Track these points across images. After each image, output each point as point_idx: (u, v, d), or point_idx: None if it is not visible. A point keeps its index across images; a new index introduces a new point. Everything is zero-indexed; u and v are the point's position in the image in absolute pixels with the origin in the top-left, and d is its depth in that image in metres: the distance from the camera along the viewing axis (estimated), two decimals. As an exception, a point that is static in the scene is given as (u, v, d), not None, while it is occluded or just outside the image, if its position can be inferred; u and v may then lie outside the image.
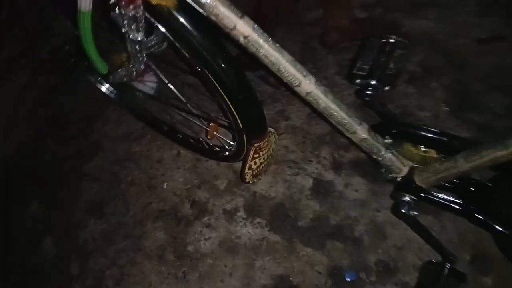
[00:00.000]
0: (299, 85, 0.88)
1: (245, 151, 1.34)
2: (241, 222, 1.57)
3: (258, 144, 1.27)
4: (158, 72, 1.47)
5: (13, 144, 1.96)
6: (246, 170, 1.35)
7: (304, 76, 0.87)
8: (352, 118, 0.92)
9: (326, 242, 1.46)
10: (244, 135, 1.28)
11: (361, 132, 0.94)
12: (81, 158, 1.90)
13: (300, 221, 1.52)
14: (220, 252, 1.52)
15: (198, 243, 1.55)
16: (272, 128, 1.39)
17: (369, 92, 0.97)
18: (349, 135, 0.97)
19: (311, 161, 1.68)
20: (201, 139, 1.62)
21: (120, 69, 1.19)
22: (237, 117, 1.18)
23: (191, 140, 1.66)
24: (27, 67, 2.00)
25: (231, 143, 1.49)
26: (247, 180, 1.42)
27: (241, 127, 1.22)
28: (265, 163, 1.43)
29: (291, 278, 1.41)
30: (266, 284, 1.42)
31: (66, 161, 1.91)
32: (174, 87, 1.51)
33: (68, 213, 1.74)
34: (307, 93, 0.89)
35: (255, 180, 1.47)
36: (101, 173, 1.84)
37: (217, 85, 1.04)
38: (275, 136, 1.42)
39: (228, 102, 1.11)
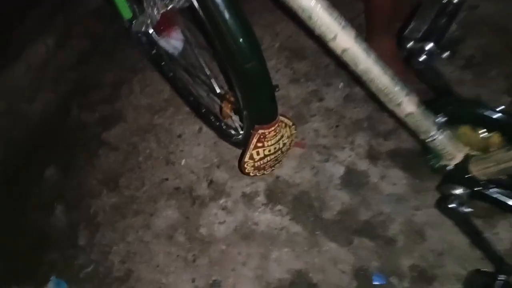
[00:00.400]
0: (334, 39, 0.72)
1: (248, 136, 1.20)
2: (260, 208, 1.44)
3: (263, 131, 1.10)
4: (185, 32, 1.35)
5: (38, 105, 1.91)
6: (246, 159, 1.19)
7: (342, 28, 0.71)
8: (398, 86, 0.74)
9: (353, 239, 1.29)
10: (248, 117, 1.13)
11: (408, 104, 0.76)
12: (102, 126, 1.82)
13: (326, 213, 1.36)
14: (235, 238, 1.40)
15: (211, 226, 1.43)
16: (287, 118, 1.21)
17: (423, 59, 0.80)
18: (392, 108, 0.79)
19: (344, 148, 1.51)
20: (220, 117, 1.49)
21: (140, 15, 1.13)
22: (238, 92, 1.04)
23: (212, 117, 1.53)
24: (59, 26, 1.96)
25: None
26: (246, 171, 1.26)
27: (242, 105, 1.08)
28: (272, 157, 1.24)
29: (310, 275, 1.26)
30: (282, 278, 1.27)
31: (88, 127, 1.84)
32: (199, 53, 1.40)
33: (82, 181, 1.68)
34: (343, 50, 0.72)
35: (257, 174, 1.32)
36: (120, 143, 1.75)
37: (220, 45, 0.90)
38: (289, 129, 1.23)
39: (232, 70, 0.96)
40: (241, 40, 0.87)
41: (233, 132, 1.41)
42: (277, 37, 1.96)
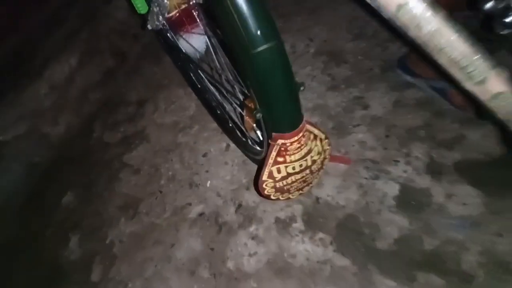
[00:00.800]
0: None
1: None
2: (297, 236, 1.22)
3: (284, 142, 0.88)
4: (208, 30, 1.20)
5: (60, 128, 1.84)
6: (265, 177, 0.97)
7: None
8: (480, 56, 0.53)
9: (416, 275, 1.02)
10: (265, 123, 0.91)
11: (496, 81, 0.53)
12: (125, 147, 1.70)
13: (379, 242, 1.11)
14: (268, 273, 1.17)
15: (240, 259, 1.22)
16: (317, 128, 0.97)
17: (510, 20, 0.58)
18: (471, 88, 0.56)
19: (397, 162, 1.27)
20: (246, 132, 1.30)
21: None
22: (251, 89, 0.83)
23: (238, 132, 1.36)
24: (83, 44, 1.91)
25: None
26: (266, 192, 1.03)
27: (257, 107, 0.86)
28: (298, 178, 1.02)
29: (362, 322, 1.03)
30: (327, 326, 1.05)
31: (110, 148, 1.72)
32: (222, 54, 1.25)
33: (100, 209, 1.54)
34: (399, 6, 0.53)
35: (280, 198, 1.09)
36: (142, 165, 1.61)
37: (223, 24, 0.72)
38: (321, 143, 1.00)
39: (240, 59, 0.75)
40: (248, 14, 0.67)
41: (258, 148, 1.22)
42: (312, 42, 1.79)
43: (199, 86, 1.54)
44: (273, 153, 0.89)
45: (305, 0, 1.98)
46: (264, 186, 1.00)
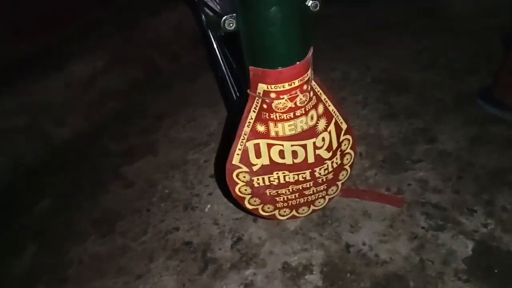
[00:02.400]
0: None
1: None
2: (310, 293, 0.88)
3: (266, 89, 0.56)
4: None
5: (66, 130, 1.62)
6: (235, 161, 0.64)
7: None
8: None
9: None
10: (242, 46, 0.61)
11: None
12: (127, 157, 1.46)
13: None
14: None
15: (223, 314, 0.90)
16: (331, 98, 0.64)
17: None
18: None
19: (474, 211, 0.90)
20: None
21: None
22: None
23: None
24: (114, 50, 1.82)
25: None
26: (237, 190, 0.69)
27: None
28: (291, 181, 0.67)
29: None
30: None
31: (110, 157, 1.49)
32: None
33: (74, 220, 1.26)
34: None
35: (261, 211, 0.74)
36: (137, 179, 1.36)
37: None
38: (336, 130, 0.66)
39: None
40: None
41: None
42: (368, 71, 1.54)
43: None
44: (251, 114, 0.58)
45: (366, 32, 1.79)
46: (234, 177, 0.66)
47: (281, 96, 0.56)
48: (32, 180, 1.45)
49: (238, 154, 0.62)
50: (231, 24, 0.57)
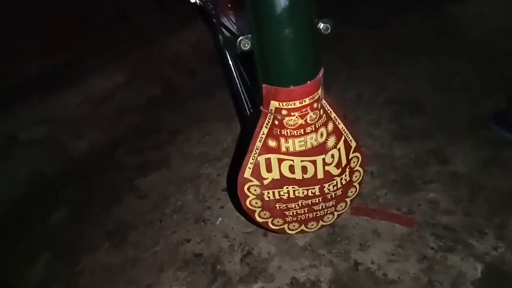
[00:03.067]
0: None
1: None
2: (318, 310, 0.89)
3: (278, 106, 0.59)
4: None
5: (83, 143, 1.68)
6: (247, 174, 0.67)
7: None
8: None
9: None
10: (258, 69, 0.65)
11: None
12: (141, 171, 1.51)
13: None
14: None
15: (230, 326, 0.91)
16: (341, 116, 0.67)
17: None
18: None
19: (485, 234, 0.91)
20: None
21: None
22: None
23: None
24: (133, 66, 1.88)
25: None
26: (248, 203, 0.72)
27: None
28: (301, 196, 0.69)
29: None
30: None
31: (125, 170, 1.53)
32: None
33: (87, 231, 1.30)
34: None
35: (270, 225, 0.76)
36: (151, 191, 1.40)
37: None
38: (345, 149, 0.68)
39: None
40: None
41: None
42: (382, 92, 1.56)
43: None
44: (263, 129, 0.61)
45: (382, 53, 1.83)
46: (246, 190, 0.69)
47: (292, 113, 0.60)
48: (48, 191, 1.50)
49: (249, 168, 0.65)
50: (246, 44, 0.62)
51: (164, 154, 1.57)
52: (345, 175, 0.68)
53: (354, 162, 0.69)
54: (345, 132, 0.65)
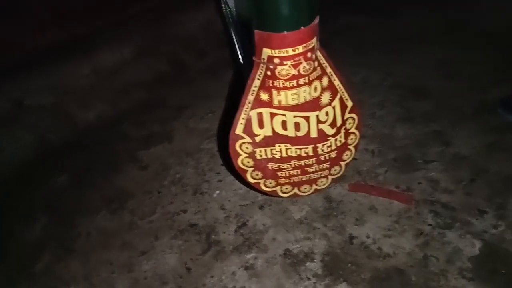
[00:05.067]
0: None
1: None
2: (308, 280, 0.83)
3: (271, 54, 0.56)
4: None
5: (90, 114, 1.66)
6: (239, 130, 0.64)
7: None
8: None
9: None
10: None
11: None
12: (144, 142, 1.48)
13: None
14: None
15: (220, 292, 0.89)
16: (337, 72, 0.64)
17: None
18: None
19: (485, 212, 0.87)
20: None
21: None
22: None
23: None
24: (144, 41, 1.82)
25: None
26: (239, 162, 0.69)
27: None
28: (294, 155, 0.66)
29: None
30: None
31: (129, 141, 1.51)
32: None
33: (87, 196, 1.27)
34: None
35: (262, 187, 0.74)
36: (152, 162, 1.37)
37: None
38: (340, 106, 0.65)
39: None
40: None
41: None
42: (389, 77, 1.52)
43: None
44: (255, 81, 0.57)
45: (391, 42, 1.78)
46: (237, 148, 0.66)
47: (285, 62, 0.56)
48: (53, 157, 1.49)
49: (241, 124, 0.62)
50: None
51: (168, 128, 1.55)
52: (340, 136, 0.65)
53: (349, 123, 0.66)
54: (341, 90, 0.62)
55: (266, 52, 0.56)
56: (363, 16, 2.04)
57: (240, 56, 1.05)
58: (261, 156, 0.65)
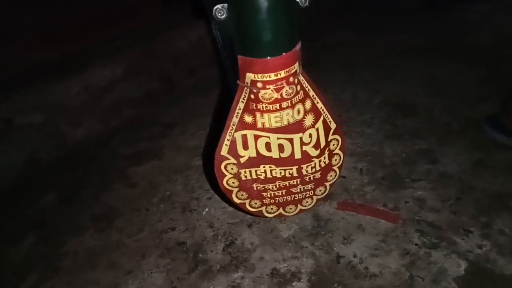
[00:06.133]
0: None
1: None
2: (296, 300, 0.85)
3: (254, 78, 0.57)
4: None
5: (80, 131, 1.66)
6: (224, 151, 0.65)
7: None
8: None
9: None
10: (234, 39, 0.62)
11: None
12: (134, 160, 1.48)
13: None
14: None
15: (206, 313, 0.88)
16: (319, 94, 0.64)
17: None
18: None
19: (470, 232, 0.88)
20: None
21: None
22: None
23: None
24: (134, 59, 1.85)
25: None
26: (225, 183, 0.69)
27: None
28: (278, 177, 0.67)
29: None
30: None
31: (118, 159, 1.50)
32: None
33: (75, 214, 1.25)
34: None
35: (248, 207, 0.74)
36: (141, 180, 1.37)
37: None
38: (324, 128, 0.65)
39: None
40: None
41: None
42: (377, 94, 1.54)
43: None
44: (239, 104, 0.59)
45: (380, 58, 1.80)
46: (222, 168, 0.66)
47: (267, 86, 0.57)
48: (41, 175, 1.48)
49: (226, 145, 0.63)
50: (221, 13, 0.60)
51: (158, 146, 1.55)
52: (324, 158, 0.66)
53: (333, 145, 0.67)
54: (324, 113, 0.63)
55: (249, 76, 0.57)
56: (352, 32, 2.08)
57: (229, 77, 1.07)
58: (246, 176, 0.66)
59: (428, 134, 1.21)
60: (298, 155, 0.62)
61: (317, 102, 0.62)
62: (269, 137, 0.61)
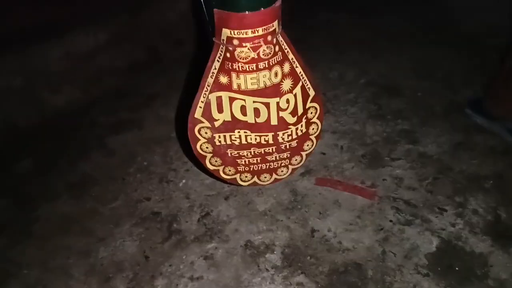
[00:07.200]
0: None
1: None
2: (267, 271, 0.82)
3: (230, 35, 0.55)
4: None
5: (60, 98, 1.59)
6: (198, 114, 0.63)
7: None
8: None
9: None
10: None
11: None
12: (113, 129, 1.45)
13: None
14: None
15: (176, 280, 0.84)
16: (298, 58, 0.62)
17: None
18: None
19: (444, 210, 0.89)
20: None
21: None
22: None
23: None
24: (118, 25, 1.78)
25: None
26: (199, 147, 0.68)
27: None
28: (254, 142, 0.65)
29: None
30: None
31: (98, 128, 1.47)
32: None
33: (50, 181, 1.22)
34: None
35: (222, 174, 0.74)
36: (119, 149, 1.33)
37: None
38: (302, 93, 0.63)
39: None
40: None
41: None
42: (364, 74, 1.53)
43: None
44: (215, 63, 0.56)
45: (369, 41, 1.78)
46: (196, 133, 0.64)
47: (244, 44, 0.55)
48: (18, 141, 1.44)
49: (200, 107, 0.61)
50: None
51: (138, 116, 1.51)
52: (301, 126, 0.64)
53: (311, 113, 0.65)
54: (303, 78, 0.61)
55: (226, 32, 0.54)
56: (343, 13, 2.05)
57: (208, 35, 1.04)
58: (220, 142, 0.64)
59: (411, 115, 1.21)
60: (274, 121, 0.61)
61: (296, 66, 0.60)
62: (244, 100, 0.59)
